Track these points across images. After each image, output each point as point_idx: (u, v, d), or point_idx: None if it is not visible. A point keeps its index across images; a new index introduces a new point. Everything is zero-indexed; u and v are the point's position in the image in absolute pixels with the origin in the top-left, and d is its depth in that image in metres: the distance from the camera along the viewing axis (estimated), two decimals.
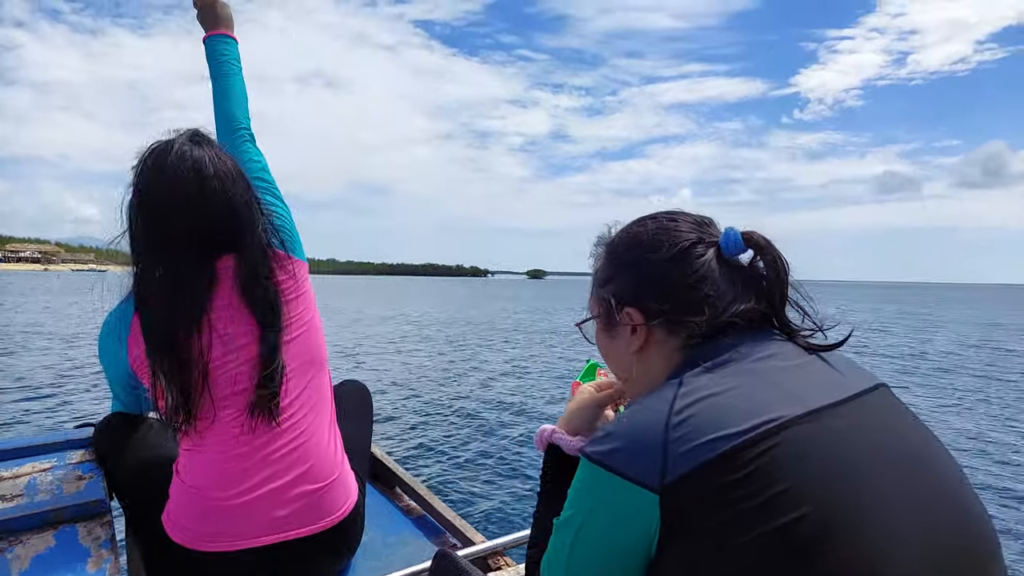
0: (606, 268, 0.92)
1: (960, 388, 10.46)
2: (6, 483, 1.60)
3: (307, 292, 1.43)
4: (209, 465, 1.31)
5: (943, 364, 13.33)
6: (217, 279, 1.29)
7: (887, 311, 36.94)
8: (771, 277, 0.83)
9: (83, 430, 1.90)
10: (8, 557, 1.31)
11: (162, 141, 1.30)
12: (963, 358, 14.51)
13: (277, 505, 1.32)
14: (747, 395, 0.69)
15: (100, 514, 1.49)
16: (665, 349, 0.85)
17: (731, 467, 0.63)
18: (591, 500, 0.71)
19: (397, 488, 2.05)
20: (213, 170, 1.27)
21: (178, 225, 1.25)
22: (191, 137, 1.31)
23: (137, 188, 1.28)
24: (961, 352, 15.78)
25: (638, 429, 0.69)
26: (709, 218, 0.89)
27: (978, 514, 0.70)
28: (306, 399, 1.37)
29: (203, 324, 1.27)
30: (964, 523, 0.68)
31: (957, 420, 8.04)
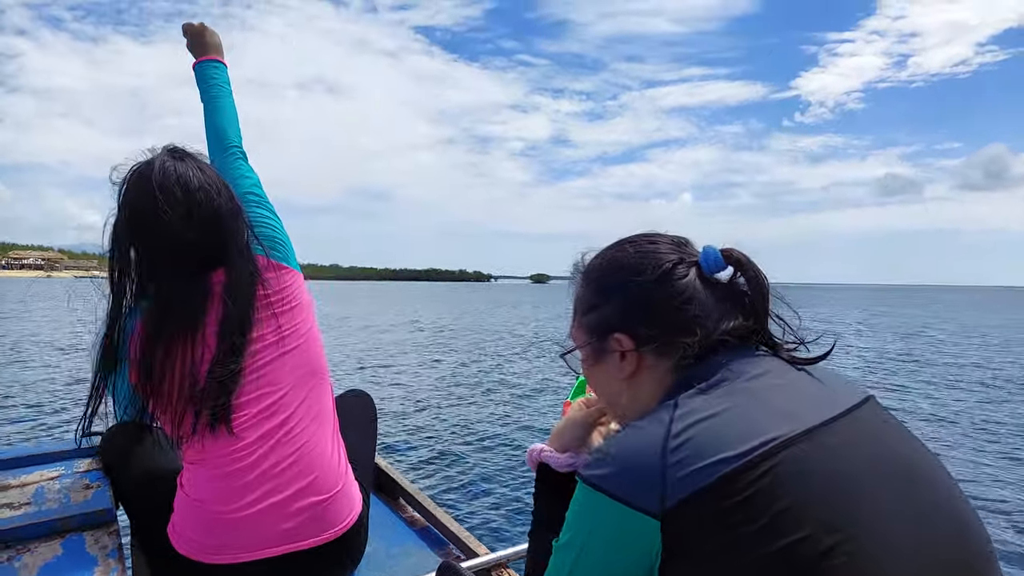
0: (588, 296, 0.91)
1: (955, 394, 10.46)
2: (13, 491, 1.61)
3: (304, 302, 1.44)
4: (211, 479, 1.32)
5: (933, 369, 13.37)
6: (211, 294, 1.31)
7: (892, 315, 36.83)
8: (753, 293, 0.83)
9: (91, 439, 1.88)
10: (16, 566, 1.32)
11: (142, 161, 1.32)
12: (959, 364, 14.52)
13: (281, 518, 1.33)
14: (743, 416, 0.69)
15: (107, 523, 1.50)
16: (656, 373, 0.84)
17: (731, 490, 0.63)
18: (590, 524, 0.71)
19: (401, 499, 2.05)
20: (198, 183, 1.30)
21: (169, 240, 1.27)
22: (171, 152, 1.33)
23: (123, 208, 1.30)
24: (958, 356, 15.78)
25: (635, 453, 0.69)
26: (685, 238, 0.89)
27: (975, 527, 0.70)
28: (306, 411, 1.38)
29: (197, 339, 1.28)
30: (963, 537, 0.69)
31: (953, 429, 8.05)
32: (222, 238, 1.32)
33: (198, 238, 1.29)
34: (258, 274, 1.36)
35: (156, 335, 1.27)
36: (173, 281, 1.29)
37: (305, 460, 1.36)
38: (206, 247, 1.31)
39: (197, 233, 1.28)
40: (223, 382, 1.29)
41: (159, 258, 1.30)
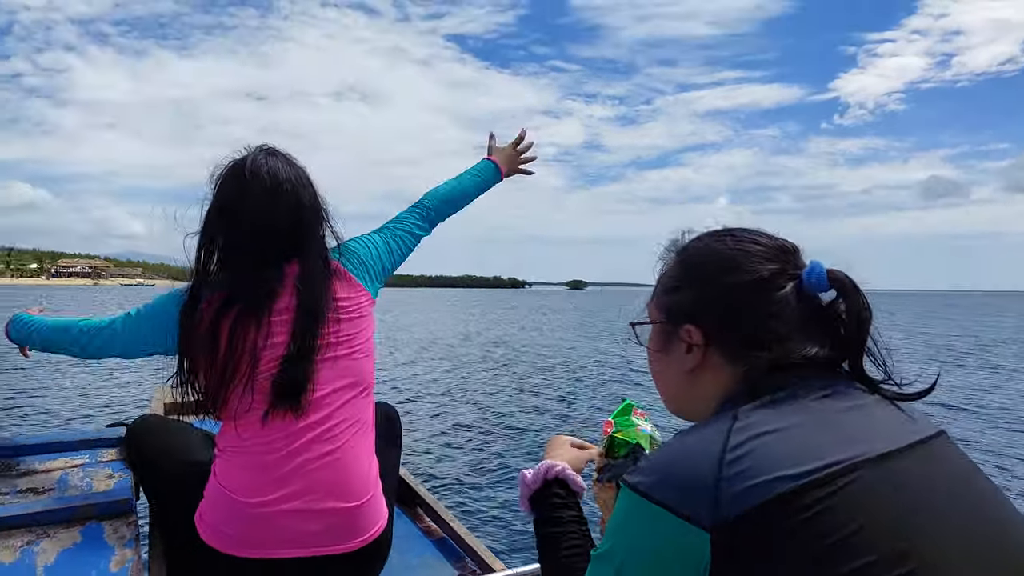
0: (675, 276, 0.86)
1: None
2: (38, 476, 1.65)
3: (366, 318, 1.48)
4: (245, 469, 1.34)
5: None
6: (283, 283, 1.37)
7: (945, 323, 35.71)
8: (851, 324, 0.77)
9: (116, 429, 1.95)
10: (35, 550, 1.33)
11: (237, 157, 1.43)
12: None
13: (310, 519, 1.34)
14: (808, 435, 0.66)
15: (126, 513, 1.52)
16: (720, 375, 0.80)
17: (789, 510, 0.60)
18: (635, 533, 0.68)
19: (419, 509, 2.05)
20: (285, 175, 1.40)
21: (253, 224, 1.37)
22: (264, 149, 1.44)
23: (217, 196, 1.42)
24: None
25: (689, 462, 0.66)
26: (794, 245, 0.82)
27: None
28: (346, 416, 1.39)
29: (263, 322, 1.34)
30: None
31: None
32: (302, 230, 1.41)
33: (280, 226, 1.38)
34: (330, 273, 1.42)
35: (225, 310, 1.33)
36: (251, 263, 1.37)
37: (340, 464, 1.37)
38: (286, 236, 1.39)
39: (280, 220, 1.38)
40: (295, 369, 1.33)
41: (242, 241, 1.38)
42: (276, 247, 1.39)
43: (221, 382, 1.33)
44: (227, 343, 1.32)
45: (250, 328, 1.33)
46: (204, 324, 1.34)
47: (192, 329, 1.36)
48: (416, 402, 9.88)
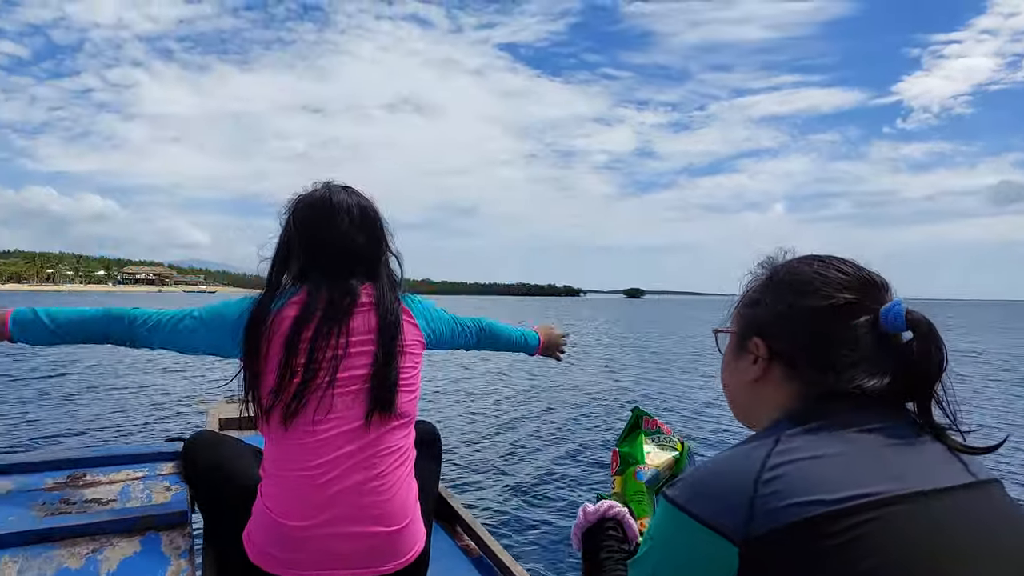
0: (756, 290, 0.90)
1: None
2: (102, 488, 1.75)
3: (418, 359, 1.57)
4: (290, 492, 1.40)
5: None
6: (358, 301, 1.47)
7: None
8: (923, 368, 0.76)
9: (173, 444, 2.05)
10: (99, 558, 1.43)
11: (311, 190, 1.57)
12: None
13: (351, 542, 1.40)
14: (849, 464, 0.68)
15: (182, 525, 1.60)
16: (779, 392, 0.84)
17: (820, 534, 0.62)
18: (668, 543, 0.71)
19: (458, 527, 2.09)
20: (366, 203, 1.57)
21: (336, 243, 1.50)
22: (340, 186, 1.59)
23: (294, 218, 1.54)
24: None
25: (725, 478, 0.69)
26: (883, 280, 0.83)
27: None
28: (388, 444, 1.45)
29: (341, 335, 1.43)
30: None
31: None
32: (374, 255, 1.55)
33: (362, 247, 1.52)
34: (399, 301, 1.54)
35: (303, 322, 1.42)
36: (329, 282, 1.47)
37: (380, 490, 1.42)
38: (361, 260, 1.52)
39: (362, 242, 1.53)
40: (386, 372, 1.44)
41: (321, 262, 1.50)
42: (352, 270, 1.51)
43: (295, 393, 1.39)
44: (307, 354, 1.40)
45: (330, 340, 1.42)
46: (279, 335, 1.42)
47: (260, 339, 1.43)
48: (457, 418, 9.88)
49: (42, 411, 8.61)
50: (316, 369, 1.40)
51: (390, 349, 1.46)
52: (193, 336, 1.52)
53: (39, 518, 1.54)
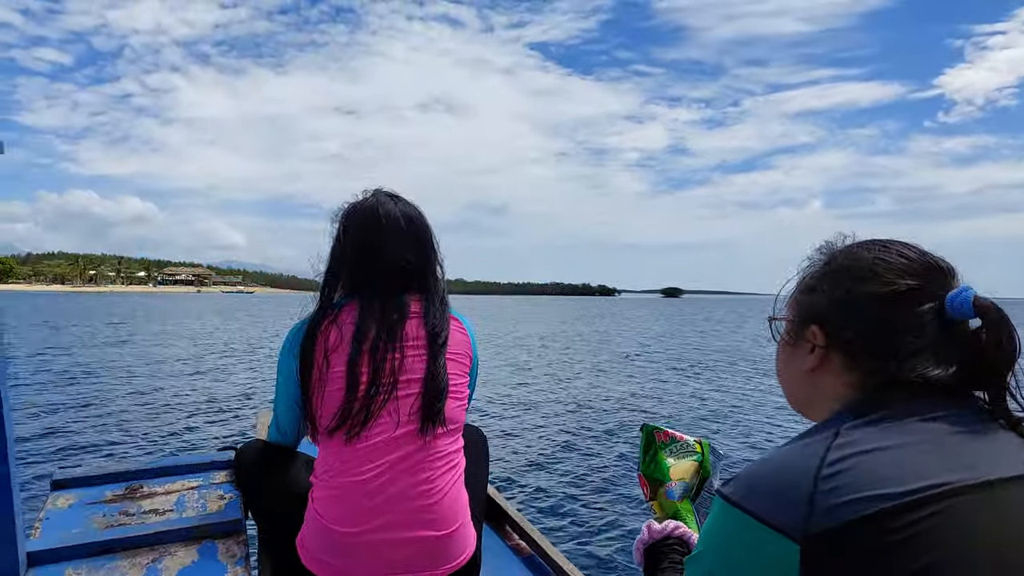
0: (815, 277, 0.87)
1: None
2: (159, 498, 1.80)
3: (466, 367, 1.58)
4: (341, 499, 1.42)
5: None
6: (408, 312, 1.49)
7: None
8: (993, 356, 0.73)
9: (225, 453, 2.10)
10: (159, 567, 1.48)
11: (361, 198, 1.60)
12: None
13: (402, 547, 1.41)
14: (912, 456, 0.65)
15: (237, 532, 1.65)
16: (838, 382, 0.81)
17: (885, 529, 0.60)
18: (724, 541, 0.70)
19: (507, 527, 2.10)
20: (414, 214, 1.58)
21: (387, 256, 1.52)
22: (388, 195, 1.60)
23: (346, 230, 1.57)
24: None
25: (784, 474, 0.67)
26: (948, 265, 0.79)
27: None
28: (438, 450, 1.47)
29: (396, 347, 1.45)
30: None
31: None
32: (425, 265, 1.57)
33: (412, 259, 1.54)
34: (447, 310, 1.55)
35: (360, 338, 1.44)
36: (382, 295, 1.49)
37: (430, 495, 1.44)
38: (414, 269, 1.54)
39: (413, 254, 1.54)
40: (436, 383, 1.46)
41: (374, 274, 1.51)
42: (401, 281, 1.52)
43: (361, 404, 1.41)
44: (369, 366, 1.43)
45: (388, 351, 1.44)
46: (339, 349, 1.44)
47: (315, 352, 1.46)
48: (503, 419, 10.00)
49: (97, 425, 8.92)
50: (379, 380, 1.42)
51: (439, 357, 1.48)
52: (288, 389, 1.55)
53: (100, 530, 1.60)
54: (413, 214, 1.58)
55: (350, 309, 1.49)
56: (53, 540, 1.53)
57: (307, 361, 1.46)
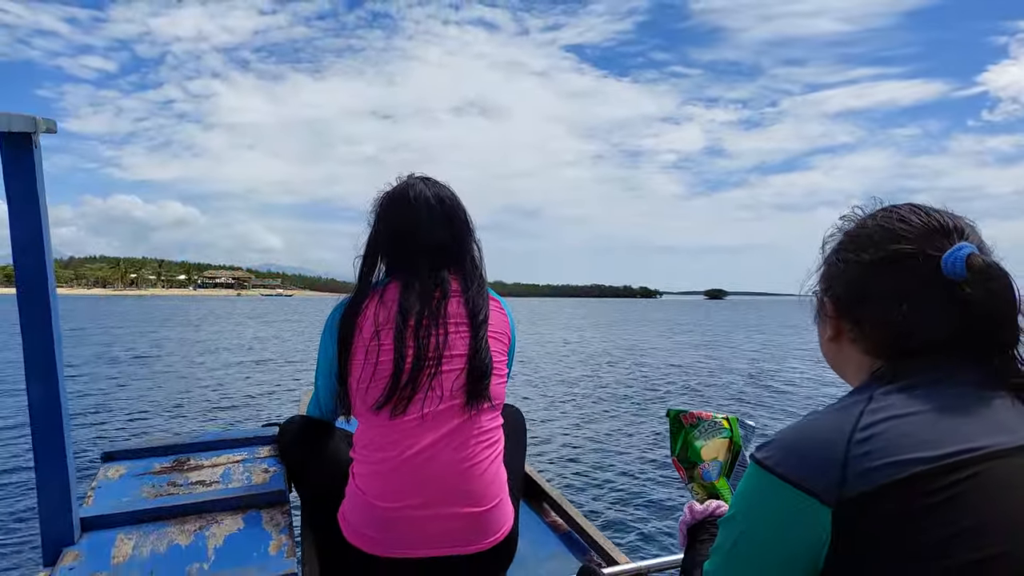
0: (832, 249, 0.88)
1: None
2: (206, 471, 1.89)
3: (505, 345, 1.62)
4: (381, 474, 1.46)
5: None
6: (448, 289, 1.53)
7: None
8: (989, 310, 0.73)
9: (269, 428, 2.18)
10: (206, 534, 1.56)
11: (395, 184, 1.65)
12: None
13: (442, 522, 1.45)
14: (945, 421, 0.66)
15: (281, 504, 1.71)
16: (856, 349, 0.83)
17: (919, 492, 0.61)
18: (756, 504, 0.71)
19: (545, 504, 2.14)
20: (445, 195, 1.62)
21: (421, 237, 1.56)
22: (419, 178, 1.65)
23: (382, 214, 1.62)
24: None
25: (817, 438, 0.68)
26: (955, 225, 0.78)
27: None
28: (478, 427, 1.50)
29: (439, 325, 1.49)
30: None
31: None
32: (460, 242, 1.61)
33: (445, 238, 1.58)
34: (485, 288, 1.59)
35: (404, 317, 1.48)
36: (420, 275, 1.53)
37: (470, 471, 1.48)
38: (448, 248, 1.58)
39: (445, 233, 1.58)
40: (476, 368, 1.49)
41: (412, 256, 1.55)
42: (440, 259, 1.57)
43: (406, 381, 1.45)
44: (414, 343, 1.46)
45: (431, 328, 1.49)
46: (386, 326, 1.48)
47: (355, 331, 1.50)
48: (539, 400, 10.26)
49: (145, 401, 9.47)
50: (424, 356, 1.46)
51: (481, 334, 1.51)
52: (328, 366, 1.60)
53: (149, 498, 1.68)
54: (444, 195, 1.62)
55: (393, 288, 1.53)
56: (105, 507, 1.61)
57: (348, 339, 1.51)
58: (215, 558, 1.46)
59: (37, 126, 1.34)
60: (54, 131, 1.40)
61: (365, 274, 1.60)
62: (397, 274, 1.56)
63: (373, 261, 1.61)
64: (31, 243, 1.36)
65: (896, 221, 0.80)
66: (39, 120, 1.35)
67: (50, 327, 1.39)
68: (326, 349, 1.59)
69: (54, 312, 1.40)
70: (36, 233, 1.36)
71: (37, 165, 1.35)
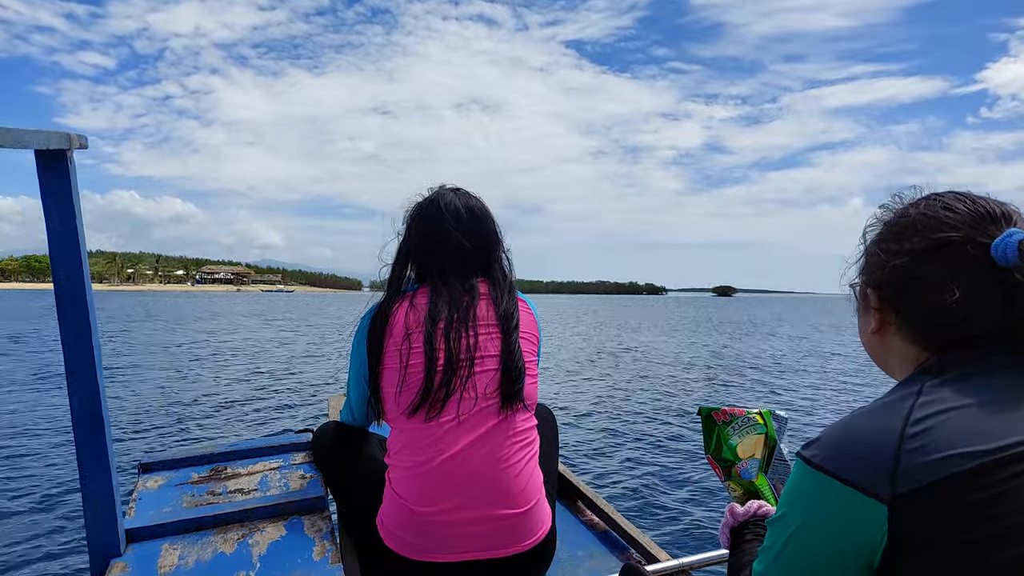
0: (872, 239, 0.88)
1: None
2: (243, 479, 1.92)
3: (535, 346, 1.65)
4: (417, 479, 1.48)
5: None
6: (477, 294, 1.57)
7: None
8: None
9: (303, 435, 2.21)
10: (249, 542, 1.59)
11: (427, 195, 1.70)
12: None
13: (479, 525, 1.47)
14: (997, 413, 0.66)
15: (320, 510, 1.75)
16: (900, 341, 0.82)
17: (973, 487, 0.61)
18: (807, 503, 0.70)
19: (579, 502, 2.14)
20: (474, 203, 1.68)
21: (449, 244, 1.61)
22: (450, 189, 1.71)
23: (412, 223, 1.67)
24: None
25: (867, 434, 0.68)
26: (1004, 211, 0.77)
27: None
28: (515, 428, 1.52)
29: (470, 328, 1.52)
30: None
31: None
32: (491, 252, 1.66)
33: (473, 246, 1.62)
34: (514, 292, 1.63)
35: (434, 320, 1.51)
36: (449, 281, 1.57)
37: (506, 474, 1.49)
38: (476, 255, 1.63)
39: (470, 240, 1.62)
40: (510, 370, 1.51)
41: (442, 263, 1.60)
42: (468, 266, 1.61)
43: (439, 384, 1.46)
44: (445, 348, 1.49)
45: (462, 331, 1.52)
46: (416, 331, 1.50)
47: (385, 336, 1.53)
48: (563, 396, 10.30)
49: (179, 412, 9.47)
50: (456, 359, 1.48)
51: (514, 338, 1.54)
52: (360, 372, 1.62)
53: (190, 508, 1.71)
54: (474, 204, 1.68)
55: (423, 293, 1.56)
56: (147, 518, 1.64)
57: (378, 343, 1.53)
58: (260, 566, 1.48)
59: (72, 142, 1.38)
60: (86, 147, 1.43)
61: (395, 280, 1.64)
62: (426, 280, 1.60)
63: (403, 268, 1.66)
64: (69, 257, 1.38)
65: (941, 209, 0.78)
66: (73, 137, 1.38)
67: (90, 339, 1.41)
68: (358, 354, 1.61)
69: (93, 324, 1.42)
70: (73, 247, 1.38)
71: (73, 181, 1.38)
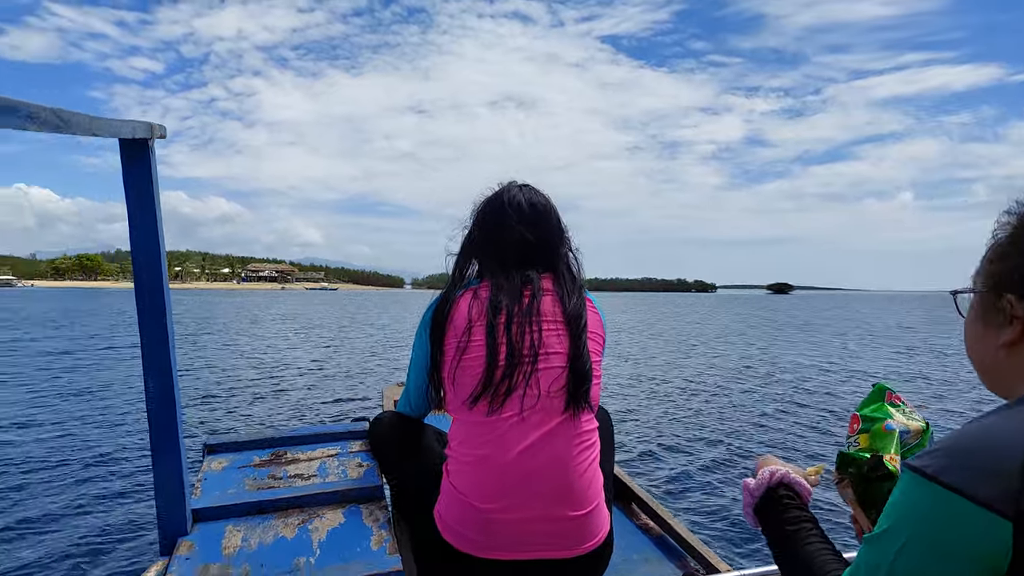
0: (1006, 243, 0.82)
1: None
2: (302, 464, 1.96)
3: (600, 346, 1.65)
4: (476, 474, 1.48)
5: None
6: (541, 289, 1.58)
7: None
8: None
9: (360, 423, 2.25)
10: (310, 528, 1.62)
11: (496, 189, 1.74)
12: None
13: (540, 524, 1.46)
14: None
15: (377, 499, 1.78)
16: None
17: None
18: (920, 517, 0.67)
19: (635, 506, 2.13)
20: (537, 199, 1.71)
21: (512, 239, 1.63)
22: (516, 184, 1.74)
23: (477, 217, 1.72)
24: None
25: (989, 446, 0.65)
26: None
27: None
28: (578, 429, 1.52)
29: (534, 325, 1.52)
30: None
31: None
32: (554, 247, 1.67)
33: (535, 240, 1.64)
34: (580, 290, 1.64)
35: (495, 314, 1.52)
36: (510, 271, 1.60)
37: (566, 474, 1.48)
38: (538, 249, 1.64)
39: (533, 235, 1.64)
40: (576, 370, 1.51)
41: (506, 257, 1.62)
42: (529, 260, 1.63)
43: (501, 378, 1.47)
44: (506, 340, 1.50)
45: (526, 326, 1.52)
46: (478, 323, 1.52)
47: (447, 327, 1.55)
48: (625, 400, 10.30)
49: (240, 397, 10.01)
50: (518, 353, 1.48)
51: (583, 338, 1.54)
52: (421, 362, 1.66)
53: (252, 491, 1.76)
54: (537, 199, 1.70)
55: (485, 286, 1.58)
56: (213, 499, 1.69)
57: (441, 333, 1.55)
58: (320, 552, 1.51)
59: (153, 132, 1.43)
60: (165, 136, 1.49)
61: (458, 272, 1.67)
62: (488, 273, 1.62)
63: (466, 261, 1.69)
64: (149, 244, 1.44)
65: None
66: (155, 126, 1.44)
67: (165, 324, 1.46)
68: (421, 344, 1.63)
69: (168, 310, 1.47)
70: (153, 234, 1.44)
71: (153, 169, 1.44)
